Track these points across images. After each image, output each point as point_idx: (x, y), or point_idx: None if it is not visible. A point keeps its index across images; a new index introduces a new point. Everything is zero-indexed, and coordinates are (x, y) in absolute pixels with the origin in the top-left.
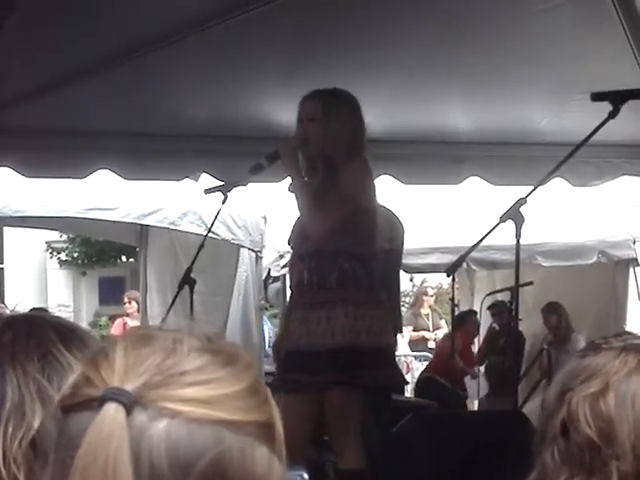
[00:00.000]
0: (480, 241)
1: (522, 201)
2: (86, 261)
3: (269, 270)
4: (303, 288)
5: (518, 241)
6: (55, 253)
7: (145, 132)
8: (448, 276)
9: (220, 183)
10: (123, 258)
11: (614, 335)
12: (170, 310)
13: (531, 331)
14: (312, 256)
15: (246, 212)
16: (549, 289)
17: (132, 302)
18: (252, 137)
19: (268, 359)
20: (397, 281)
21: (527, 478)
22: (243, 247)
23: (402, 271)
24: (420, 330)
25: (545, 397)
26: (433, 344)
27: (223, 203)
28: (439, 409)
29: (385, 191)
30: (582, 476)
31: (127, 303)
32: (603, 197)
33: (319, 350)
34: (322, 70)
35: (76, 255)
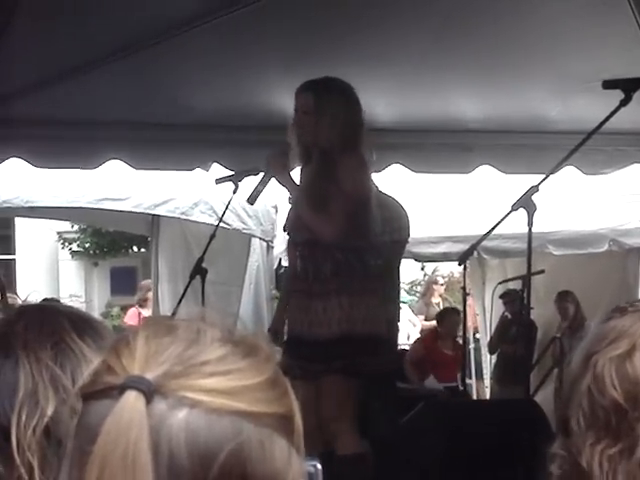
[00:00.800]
0: (492, 229)
1: (534, 189)
2: (98, 251)
3: (280, 259)
4: (299, 276)
5: (530, 229)
6: (67, 244)
7: (156, 122)
8: (459, 265)
9: (231, 173)
10: (134, 248)
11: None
12: (182, 300)
13: (542, 319)
14: (305, 245)
15: (257, 202)
16: (560, 277)
17: (149, 292)
18: (263, 126)
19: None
20: (399, 271)
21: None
22: (254, 237)
23: (413, 260)
24: (431, 319)
25: (571, 362)
26: None
27: (234, 193)
28: (450, 397)
29: (395, 180)
30: (608, 441)
31: (144, 291)
32: (614, 185)
33: (317, 339)
34: (330, 59)
35: (87, 245)
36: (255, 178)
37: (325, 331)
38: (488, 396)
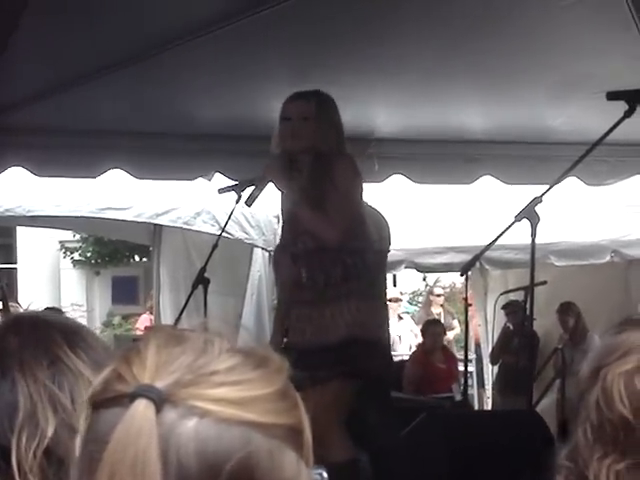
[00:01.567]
0: (495, 240)
1: (537, 200)
2: (99, 260)
3: None
4: (303, 286)
5: (533, 240)
6: (68, 253)
7: (158, 132)
8: (462, 275)
9: (234, 183)
10: (136, 257)
11: None
12: (184, 310)
13: (542, 330)
14: (312, 254)
15: (259, 211)
16: (562, 288)
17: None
18: (265, 136)
19: None
20: (385, 281)
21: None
22: (256, 247)
23: (415, 270)
24: None
25: (576, 373)
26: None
27: (237, 202)
28: (452, 408)
29: (397, 190)
30: (615, 456)
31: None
32: (616, 196)
33: (322, 346)
34: (334, 70)
35: (89, 255)
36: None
37: (332, 337)
38: (490, 406)
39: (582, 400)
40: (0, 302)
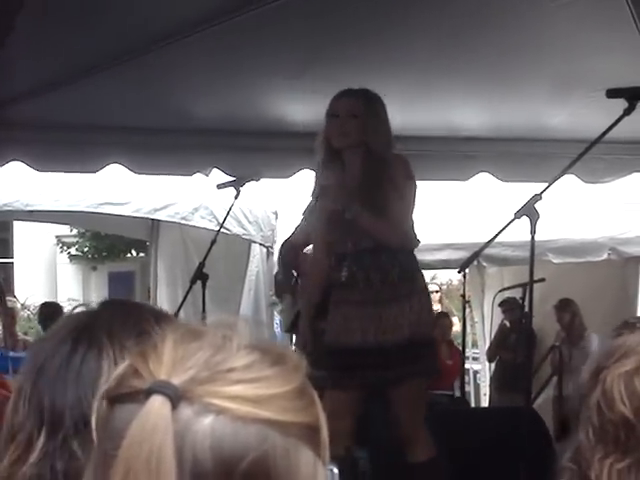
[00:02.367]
0: (494, 237)
1: (537, 197)
2: (96, 255)
3: None
4: (353, 286)
5: (533, 237)
6: (65, 247)
7: (156, 127)
8: (459, 272)
9: (232, 178)
10: (133, 252)
11: None
12: (182, 305)
13: (538, 327)
14: (365, 254)
15: (257, 207)
16: (559, 286)
17: None
18: (263, 132)
19: None
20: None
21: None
22: (254, 242)
23: None
24: None
25: (580, 376)
26: None
27: (236, 198)
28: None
29: None
30: (617, 455)
31: None
32: (614, 194)
33: (388, 346)
34: (333, 67)
35: (86, 249)
36: (256, 183)
37: (398, 336)
38: (487, 403)
39: (583, 404)
40: None
